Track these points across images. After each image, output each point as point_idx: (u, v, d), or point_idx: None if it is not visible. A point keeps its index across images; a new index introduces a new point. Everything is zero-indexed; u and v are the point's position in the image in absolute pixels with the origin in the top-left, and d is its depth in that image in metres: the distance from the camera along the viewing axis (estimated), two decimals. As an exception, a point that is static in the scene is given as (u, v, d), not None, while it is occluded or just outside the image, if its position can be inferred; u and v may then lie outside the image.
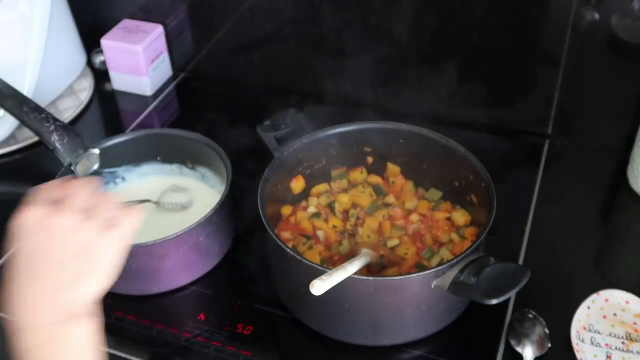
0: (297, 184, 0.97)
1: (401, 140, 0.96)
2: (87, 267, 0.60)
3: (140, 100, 1.29)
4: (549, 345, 0.81)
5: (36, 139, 1.12)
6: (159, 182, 1.03)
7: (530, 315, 0.83)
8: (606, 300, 0.85)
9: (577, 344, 0.81)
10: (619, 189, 1.06)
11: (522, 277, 0.73)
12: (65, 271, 0.59)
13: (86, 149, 0.94)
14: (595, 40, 1.05)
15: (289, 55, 1.25)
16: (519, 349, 0.81)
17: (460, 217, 0.93)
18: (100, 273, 0.61)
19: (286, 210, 0.96)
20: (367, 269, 0.85)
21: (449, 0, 1.08)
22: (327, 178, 1.00)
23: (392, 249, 0.90)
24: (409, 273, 0.79)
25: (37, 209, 0.61)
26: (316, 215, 0.94)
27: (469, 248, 0.77)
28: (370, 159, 1.00)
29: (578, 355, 0.80)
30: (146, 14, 1.29)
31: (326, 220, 0.94)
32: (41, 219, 0.60)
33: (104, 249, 0.61)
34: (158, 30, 1.27)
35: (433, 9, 1.10)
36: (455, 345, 0.85)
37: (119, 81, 1.30)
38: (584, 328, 0.83)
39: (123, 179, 1.04)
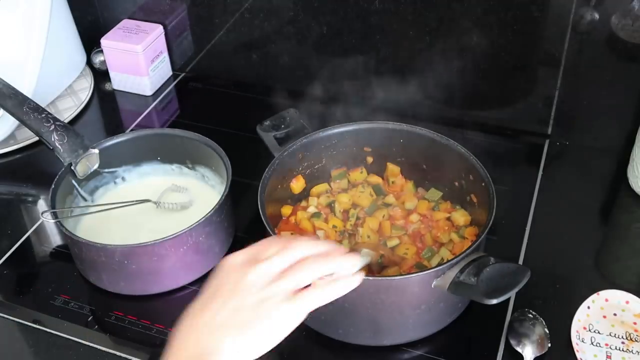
0: (297, 184, 0.97)
1: (401, 140, 0.96)
2: (250, 326, 0.59)
3: (140, 100, 1.29)
4: (549, 345, 0.81)
5: (36, 139, 1.11)
6: (159, 182, 1.03)
7: (530, 315, 0.83)
8: (606, 300, 0.85)
9: (577, 343, 0.81)
10: (619, 189, 1.06)
11: (522, 277, 0.73)
12: (229, 318, 0.59)
13: (86, 149, 0.94)
14: (595, 40, 1.04)
15: (289, 55, 1.25)
16: (519, 349, 0.81)
17: (460, 217, 0.93)
18: (256, 339, 0.60)
19: (286, 210, 0.96)
20: (367, 269, 0.85)
21: (448, 0, 1.08)
22: (327, 178, 1.00)
23: (392, 249, 0.90)
24: (409, 273, 0.79)
25: (240, 257, 0.63)
26: (316, 215, 0.94)
27: (469, 248, 0.77)
28: (370, 159, 1.00)
29: (578, 355, 0.80)
30: (146, 14, 1.29)
31: (326, 220, 0.94)
32: (237, 267, 0.62)
33: (274, 319, 0.60)
34: (158, 30, 1.27)
35: (433, 8, 1.10)
36: (455, 345, 0.85)
37: (119, 81, 1.30)
38: (584, 328, 0.83)
39: (123, 179, 1.04)
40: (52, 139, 0.92)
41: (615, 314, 0.84)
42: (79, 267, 0.93)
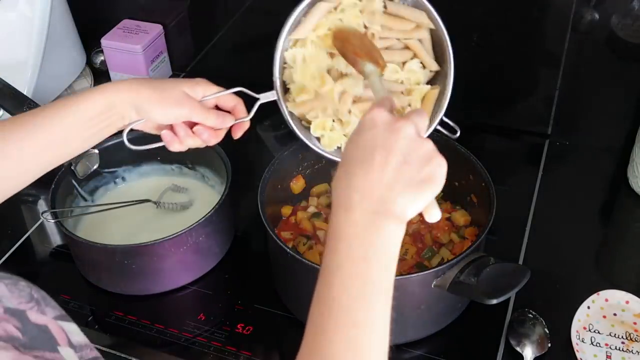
0: (297, 184, 0.97)
1: (401, 140, 0.96)
2: (429, 178, 0.58)
3: (140, 100, 1.29)
4: (549, 345, 0.81)
5: (36, 139, 1.12)
6: (159, 182, 1.03)
7: (530, 315, 0.83)
8: (606, 300, 0.85)
9: (577, 343, 0.81)
10: (619, 189, 1.06)
11: (522, 277, 0.73)
12: (405, 173, 0.57)
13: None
14: (595, 40, 1.04)
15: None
16: (519, 349, 0.81)
17: (460, 217, 0.93)
18: (436, 189, 0.58)
19: (286, 210, 0.96)
20: None
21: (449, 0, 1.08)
22: (327, 178, 0.99)
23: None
24: (409, 273, 0.79)
25: (386, 111, 0.60)
26: (316, 215, 0.94)
27: (469, 248, 0.77)
28: (370, 159, 0.99)
29: (578, 355, 0.80)
30: (146, 14, 1.29)
31: (326, 220, 0.94)
32: (389, 120, 0.59)
33: (443, 166, 0.59)
34: (158, 30, 1.27)
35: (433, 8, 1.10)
36: (455, 345, 0.85)
37: (119, 81, 1.30)
38: (584, 328, 0.83)
39: (123, 179, 1.04)
40: (52, 139, 0.92)
41: (615, 314, 0.84)
42: (79, 267, 0.93)
